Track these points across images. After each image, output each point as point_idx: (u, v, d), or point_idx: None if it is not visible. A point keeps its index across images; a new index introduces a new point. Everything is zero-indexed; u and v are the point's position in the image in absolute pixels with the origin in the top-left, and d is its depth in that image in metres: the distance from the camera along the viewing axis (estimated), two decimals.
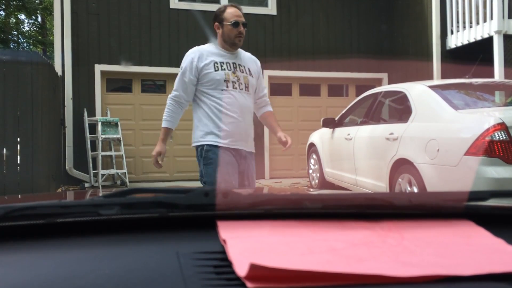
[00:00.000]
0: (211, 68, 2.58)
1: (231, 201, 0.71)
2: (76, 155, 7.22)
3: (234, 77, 2.60)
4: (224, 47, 2.67)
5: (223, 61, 2.61)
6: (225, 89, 2.57)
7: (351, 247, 0.59)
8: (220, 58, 2.63)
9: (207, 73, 2.57)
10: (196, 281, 0.52)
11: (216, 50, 2.66)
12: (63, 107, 7.18)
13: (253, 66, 2.77)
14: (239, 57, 2.72)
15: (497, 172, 3.13)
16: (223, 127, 2.57)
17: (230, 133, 2.57)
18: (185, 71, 2.63)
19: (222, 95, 2.56)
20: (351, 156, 5.06)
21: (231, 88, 2.58)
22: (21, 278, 0.53)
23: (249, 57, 2.81)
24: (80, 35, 7.28)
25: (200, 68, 2.59)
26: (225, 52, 2.66)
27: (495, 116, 3.27)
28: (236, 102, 2.58)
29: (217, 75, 2.57)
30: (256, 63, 2.81)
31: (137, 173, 7.70)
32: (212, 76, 2.57)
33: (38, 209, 0.66)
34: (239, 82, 2.61)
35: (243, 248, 0.58)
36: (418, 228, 0.69)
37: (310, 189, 5.39)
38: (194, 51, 2.66)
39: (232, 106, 2.57)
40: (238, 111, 2.59)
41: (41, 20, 20.70)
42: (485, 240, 0.65)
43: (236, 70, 2.63)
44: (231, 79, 2.59)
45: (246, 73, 2.67)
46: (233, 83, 2.59)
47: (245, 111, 2.63)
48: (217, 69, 2.58)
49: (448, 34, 6.91)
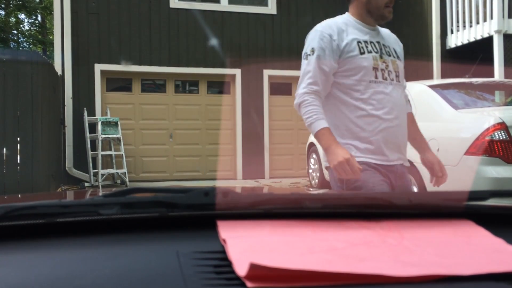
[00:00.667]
0: (355, 50, 1.81)
1: (231, 201, 0.71)
2: (76, 154, 7.22)
3: (382, 63, 1.85)
4: (366, 21, 1.89)
5: (367, 40, 1.85)
6: (373, 80, 1.81)
7: (351, 247, 0.59)
8: (364, 36, 1.86)
9: (350, 58, 1.80)
10: (196, 281, 0.52)
11: (355, 24, 1.88)
12: (63, 107, 7.18)
13: (397, 47, 1.99)
14: (381, 34, 1.94)
15: (497, 172, 3.13)
16: (373, 138, 1.81)
17: (382, 144, 1.81)
18: (321, 54, 1.80)
19: (370, 90, 1.81)
20: None
21: (380, 79, 1.82)
22: (21, 278, 0.53)
23: (389, 34, 2.01)
24: (80, 35, 7.28)
25: (341, 50, 1.81)
26: (366, 27, 1.89)
27: (495, 115, 3.27)
28: (389, 99, 1.83)
29: (364, 60, 1.80)
30: (398, 43, 2.02)
31: (137, 173, 7.70)
32: (357, 62, 1.80)
33: (38, 209, 0.66)
34: (388, 70, 1.85)
35: (243, 247, 0.58)
36: (418, 227, 0.69)
37: (310, 189, 5.39)
38: (328, 25, 1.86)
39: (385, 105, 1.81)
40: (393, 111, 1.83)
41: (41, 20, 20.71)
42: (485, 240, 0.65)
43: (383, 54, 1.87)
44: (380, 66, 1.84)
45: (393, 56, 1.91)
46: (382, 72, 1.83)
47: (400, 112, 1.88)
48: (362, 51, 1.82)
49: (448, 34, 6.91)
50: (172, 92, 7.90)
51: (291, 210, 0.73)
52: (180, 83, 8.08)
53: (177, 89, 8.01)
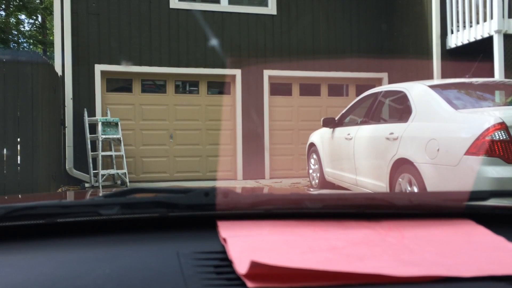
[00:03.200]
0: None
1: (231, 201, 0.71)
2: (76, 155, 7.23)
3: None
4: None
5: None
6: None
7: (352, 246, 0.59)
8: None
9: None
10: (197, 281, 0.52)
11: None
12: (63, 107, 7.18)
13: None
14: None
15: (497, 172, 3.13)
16: None
17: None
18: None
19: None
20: (351, 156, 5.06)
21: None
22: (21, 278, 0.53)
23: None
24: (80, 35, 7.28)
25: None
26: None
27: (495, 115, 3.27)
28: None
29: None
30: None
31: (137, 173, 7.70)
32: None
33: (38, 209, 0.66)
34: None
35: (243, 246, 0.58)
36: (418, 227, 0.69)
37: (310, 189, 5.38)
38: None
39: None
40: None
41: (41, 20, 20.71)
42: (485, 238, 0.65)
43: None
44: None
45: None
46: None
47: None
48: None
49: (448, 34, 6.91)
50: (172, 93, 7.90)
51: (292, 211, 0.73)
52: (180, 83, 8.08)
53: (177, 90, 8.01)
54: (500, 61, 5.81)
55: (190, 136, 7.89)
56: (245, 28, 7.94)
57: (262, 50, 7.98)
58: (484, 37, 6.11)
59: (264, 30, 8.02)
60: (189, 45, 7.70)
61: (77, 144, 7.19)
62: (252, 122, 7.91)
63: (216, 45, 7.73)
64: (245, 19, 7.95)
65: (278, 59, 7.99)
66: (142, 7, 7.56)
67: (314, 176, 6.63)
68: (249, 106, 7.90)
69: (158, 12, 7.62)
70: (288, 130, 8.28)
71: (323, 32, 8.19)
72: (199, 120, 7.93)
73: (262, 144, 7.93)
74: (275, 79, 8.18)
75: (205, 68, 7.75)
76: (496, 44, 5.86)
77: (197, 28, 7.68)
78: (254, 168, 7.76)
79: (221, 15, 7.85)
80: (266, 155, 7.96)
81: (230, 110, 8.03)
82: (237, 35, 7.91)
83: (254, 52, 7.95)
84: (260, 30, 7.99)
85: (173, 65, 7.65)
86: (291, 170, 8.22)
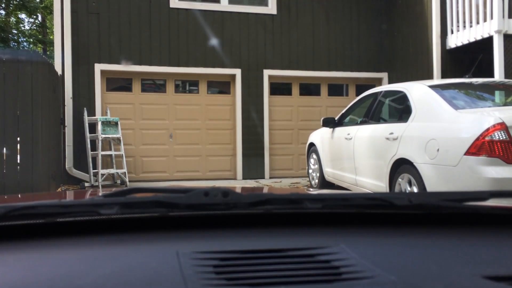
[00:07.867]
0: None
1: (231, 201, 0.71)
2: (76, 154, 7.22)
3: None
4: None
5: None
6: None
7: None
8: None
9: None
10: (196, 281, 0.52)
11: None
12: (63, 107, 7.17)
13: None
14: None
15: (497, 172, 3.13)
16: None
17: None
18: None
19: None
20: (351, 156, 5.06)
21: None
22: (21, 278, 0.52)
23: None
24: (80, 34, 7.28)
25: None
26: None
27: (495, 116, 3.27)
28: None
29: None
30: None
31: (137, 173, 7.70)
32: None
33: (38, 209, 0.66)
34: None
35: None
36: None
37: (310, 189, 5.39)
38: None
39: None
40: None
41: (41, 19, 20.71)
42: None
43: None
44: None
45: None
46: None
47: None
48: None
49: (448, 34, 6.91)
50: (172, 92, 7.89)
51: (291, 210, 0.73)
52: (180, 83, 8.07)
53: (177, 89, 8.01)
54: (500, 61, 5.81)
55: (190, 136, 7.88)
56: (245, 27, 7.94)
57: (262, 50, 7.98)
58: (484, 37, 6.11)
59: (264, 30, 8.01)
60: (189, 45, 7.70)
61: (77, 144, 7.19)
62: (252, 122, 7.91)
63: (216, 44, 7.73)
64: (245, 18, 7.95)
65: (278, 59, 7.99)
66: (142, 7, 7.55)
67: (313, 176, 6.63)
68: (249, 105, 7.90)
69: (158, 11, 7.61)
70: (288, 130, 8.28)
71: (323, 32, 8.19)
72: (199, 120, 7.93)
73: (262, 143, 7.93)
74: (275, 79, 8.18)
75: (205, 67, 7.75)
76: (496, 44, 5.86)
77: (197, 28, 7.68)
78: (254, 168, 7.76)
79: (221, 14, 7.85)
80: (266, 154, 7.96)
81: (230, 110, 8.03)
82: (237, 35, 7.90)
83: (254, 52, 7.94)
84: (260, 30, 7.98)
85: (173, 64, 7.65)
86: (291, 170, 8.22)
